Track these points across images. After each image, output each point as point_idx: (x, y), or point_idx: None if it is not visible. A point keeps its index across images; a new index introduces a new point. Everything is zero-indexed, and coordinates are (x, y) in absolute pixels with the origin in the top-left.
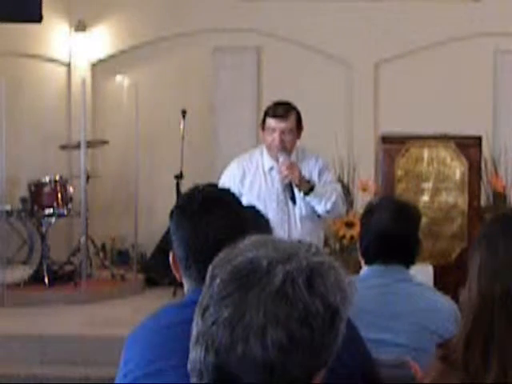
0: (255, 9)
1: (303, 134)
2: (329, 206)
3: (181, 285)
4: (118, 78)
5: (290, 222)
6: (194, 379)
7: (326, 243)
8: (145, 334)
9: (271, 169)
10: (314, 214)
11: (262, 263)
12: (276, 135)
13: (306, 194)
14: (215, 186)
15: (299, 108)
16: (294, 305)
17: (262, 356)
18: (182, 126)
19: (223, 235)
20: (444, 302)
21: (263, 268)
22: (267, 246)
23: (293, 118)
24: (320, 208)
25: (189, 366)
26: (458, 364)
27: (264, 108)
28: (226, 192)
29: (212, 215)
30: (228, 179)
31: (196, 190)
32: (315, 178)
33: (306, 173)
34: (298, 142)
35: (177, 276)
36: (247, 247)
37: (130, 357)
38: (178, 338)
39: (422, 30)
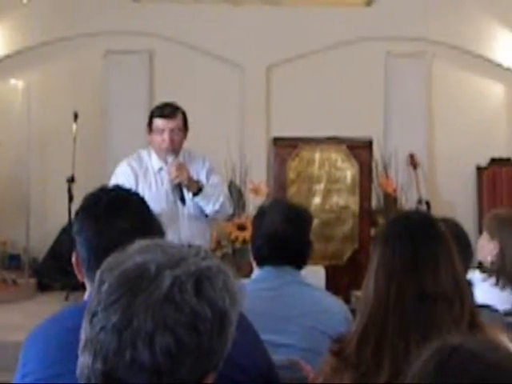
0: (147, 12)
1: (196, 136)
2: (217, 206)
3: (73, 289)
4: (12, 80)
5: (179, 223)
6: None
7: (218, 246)
8: (44, 335)
9: (160, 170)
10: (202, 215)
11: (150, 268)
12: (166, 135)
13: (195, 194)
14: (122, 188)
15: (192, 111)
16: (182, 310)
17: (151, 361)
18: (73, 129)
19: (127, 238)
20: (334, 302)
21: (151, 273)
22: (156, 251)
23: (180, 117)
24: (208, 208)
25: (77, 372)
26: (350, 360)
27: None
28: (133, 194)
29: (117, 217)
30: (121, 179)
31: (102, 191)
32: (203, 179)
33: (193, 174)
34: (185, 144)
35: (79, 277)
36: (136, 252)
37: (30, 358)
38: (75, 343)
39: (314, 33)
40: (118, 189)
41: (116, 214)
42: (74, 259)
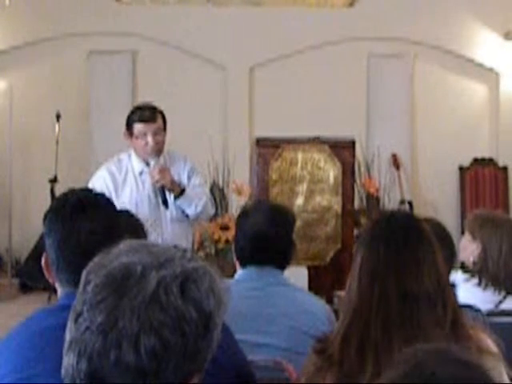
0: (131, 12)
1: (179, 136)
2: (199, 208)
3: (56, 290)
4: None
5: (161, 225)
6: None
7: (201, 246)
8: (16, 338)
9: (141, 172)
10: (183, 217)
11: (136, 269)
12: (150, 138)
13: (177, 197)
14: (90, 190)
15: (175, 111)
16: (168, 311)
17: (136, 362)
18: (56, 130)
19: (95, 239)
20: (316, 303)
21: (137, 274)
22: (142, 252)
23: (160, 117)
24: (190, 210)
25: (62, 372)
26: (333, 359)
27: None
28: (100, 196)
29: (84, 219)
30: (99, 184)
31: (70, 193)
32: (184, 180)
33: (175, 175)
34: (166, 145)
35: (50, 280)
36: (122, 252)
37: (3, 361)
38: (49, 344)
39: (296, 34)
40: (86, 191)
41: (82, 216)
42: (43, 261)
